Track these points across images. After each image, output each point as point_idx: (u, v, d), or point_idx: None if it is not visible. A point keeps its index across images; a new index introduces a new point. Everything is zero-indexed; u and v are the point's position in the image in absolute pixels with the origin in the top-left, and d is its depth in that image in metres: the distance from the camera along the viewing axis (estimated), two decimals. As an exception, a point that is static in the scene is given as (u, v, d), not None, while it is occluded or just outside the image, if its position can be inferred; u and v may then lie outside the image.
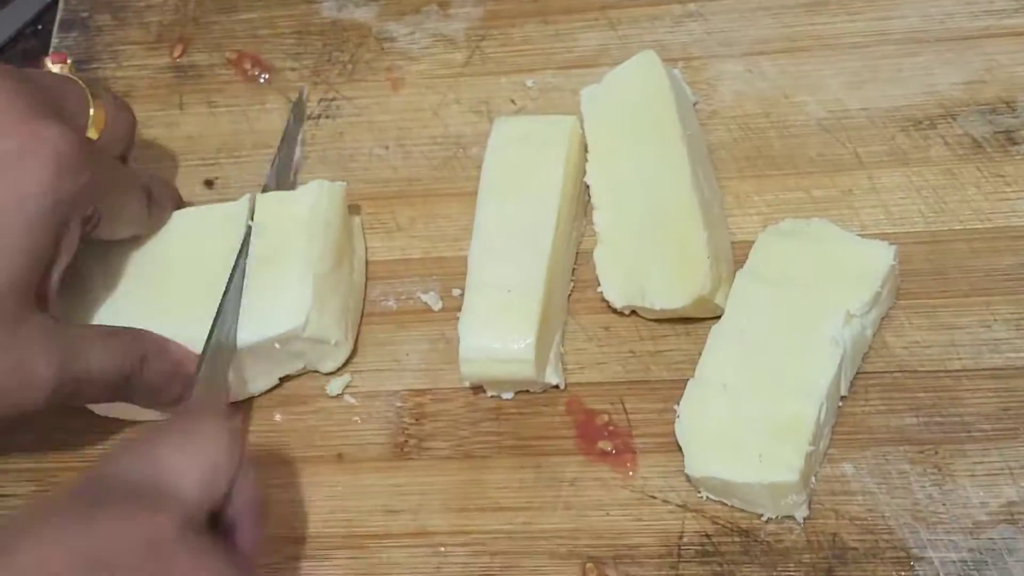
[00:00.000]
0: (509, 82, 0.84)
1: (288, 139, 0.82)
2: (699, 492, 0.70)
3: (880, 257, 0.71)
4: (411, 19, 0.87)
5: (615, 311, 0.75)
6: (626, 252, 0.74)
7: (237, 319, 0.72)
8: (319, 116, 0.85)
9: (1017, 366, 0.70)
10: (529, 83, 0.83)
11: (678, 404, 0.69)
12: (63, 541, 0.54)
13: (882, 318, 0.72)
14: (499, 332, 0.71)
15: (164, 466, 0.58)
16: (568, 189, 0.75)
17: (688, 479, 0.69)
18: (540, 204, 0.74)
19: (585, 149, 0.77)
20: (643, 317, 0.75)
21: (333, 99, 0.85)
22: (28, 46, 0.93)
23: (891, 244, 0.71)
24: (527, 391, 0.74)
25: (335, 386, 0.76)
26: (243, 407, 0.76)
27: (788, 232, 0.73)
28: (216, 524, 0.60)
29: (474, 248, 0.74)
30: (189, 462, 0.59)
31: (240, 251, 0.73)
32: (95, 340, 0.68)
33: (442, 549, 0.71)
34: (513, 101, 0.83)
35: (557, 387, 0.73)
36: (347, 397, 0.76)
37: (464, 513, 0.71)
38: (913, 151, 0.77)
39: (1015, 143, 0.76)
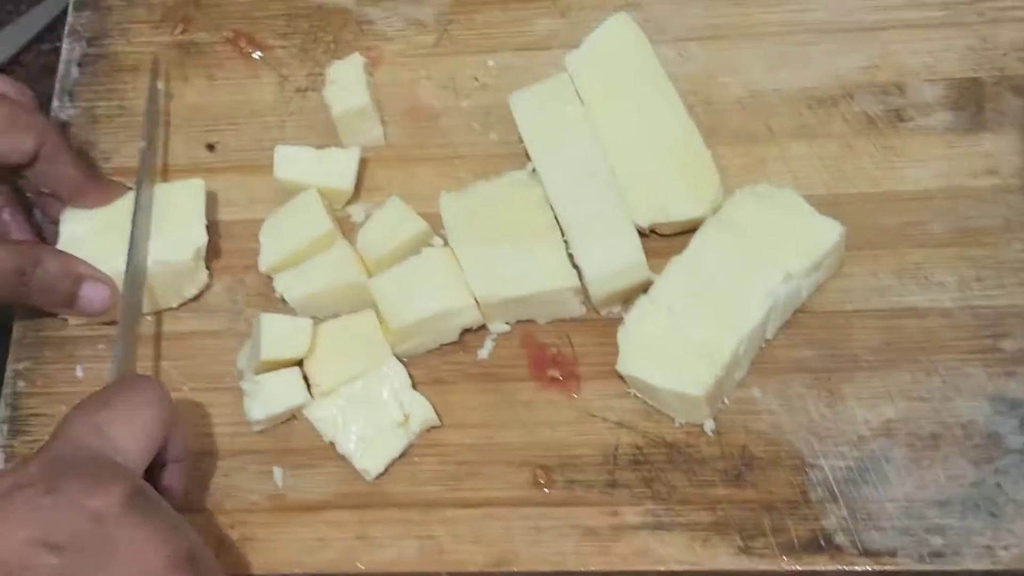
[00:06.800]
0: (473, 61, 0.95)
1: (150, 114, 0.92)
2: (629, 390, 0.82)
3: (829, 232, 0.82)
4: (387, 4, 0.98)
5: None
6: (642, 179, 0.86)
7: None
8: (306, 89, 0.96)
9: (898, 308, 0.83)
10: (490, 63, 0.95)
11: (615, 340, 0.82)
12: (24, 523, 0.62)
13: (820, 283, 0.84)
14: (611, 251, 0.83)
15: (113, 436, 0.68)
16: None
17: (620, 376, 0.82)
18: (585, 144, 0.87)
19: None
20: (660, 234, 0.87)
21: (319, 74, 0.96)
22: (46, 61, 1.05)
23: (841, 225, 0.82)
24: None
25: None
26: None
27: (761, 194, 0.84)
28: (149, 468, 0.71)
29: (553, 197, 0.86)
30: (134, 430, 0.69)
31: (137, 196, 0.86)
32: None
33: (416, 459, 0.83)
34: (476, 78, 0.95)
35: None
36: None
37: (434, 429, 0.84)
38: (817, 126, 0.90)
39: (903, 120, 0.89)
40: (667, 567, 0.79)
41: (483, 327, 0.86)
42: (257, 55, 0.98)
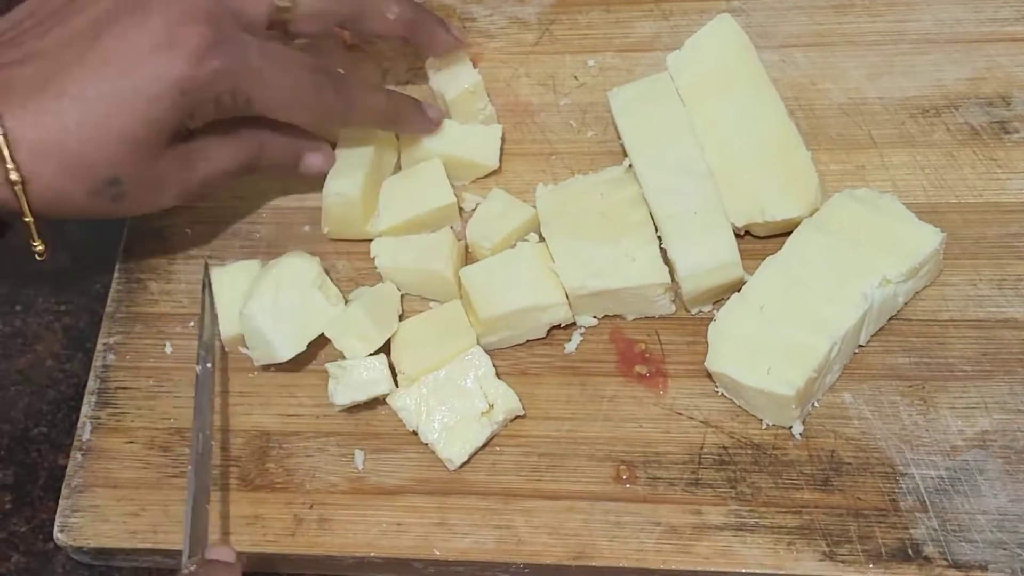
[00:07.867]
0: (573, 61, 0.96)
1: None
2: (717, 390, 0.82)
3: (928, 239, 0.81)
4: (490, 2, 0.99)
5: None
6: (740, 179, 0.85)
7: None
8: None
9: (997, 319, 0.82)
10: (590, 63, 0.95)
11: (705, 338, 0.81)
12: None
13: (916, 292, 0.83)
14: (706, 248, 0.83)
15: None
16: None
17: (707, 374, 0.81)
18: (683, 142, 0.86)
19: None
20: (755, 236, 0.86)
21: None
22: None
23: (941, 231, 0.81)
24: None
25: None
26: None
27: (860, 198, 0.83)
28: None
29: (649, 193, 0.85)
30: None
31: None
32: (219, 145, 0.84)
33: (497, 449, 0.83)
34: (575, 77, 0.95)
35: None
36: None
37: (517, 420, 0.83)
38: (919, 135, 0.89)
39: (1008, 132, 0.88)
40: (749, 569, 0.77)
41: (571, 323, 0.86)
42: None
